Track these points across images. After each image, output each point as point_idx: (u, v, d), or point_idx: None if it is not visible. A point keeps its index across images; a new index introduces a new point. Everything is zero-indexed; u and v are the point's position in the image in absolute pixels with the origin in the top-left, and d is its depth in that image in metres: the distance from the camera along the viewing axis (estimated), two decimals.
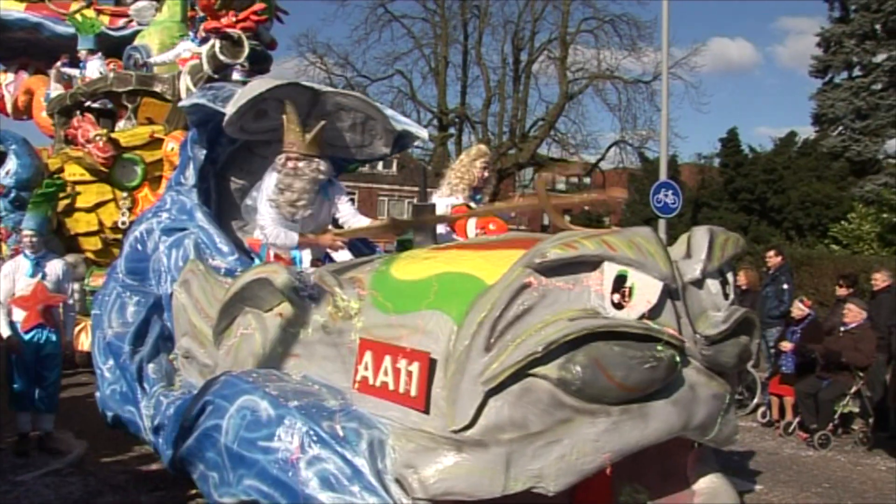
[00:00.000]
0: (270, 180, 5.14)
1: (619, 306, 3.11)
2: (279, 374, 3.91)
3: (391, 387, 3.37)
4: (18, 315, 6.87)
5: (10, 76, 12.55)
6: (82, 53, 10.14)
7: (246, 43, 6.91)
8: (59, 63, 10.73)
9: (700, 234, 3.50)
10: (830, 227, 26.33)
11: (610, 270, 3.11)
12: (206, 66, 7.26)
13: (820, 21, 30.89)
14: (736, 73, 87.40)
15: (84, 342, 8.83)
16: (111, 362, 5.41)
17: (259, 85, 5.12)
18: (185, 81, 7.92)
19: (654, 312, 3.14)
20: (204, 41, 9.70)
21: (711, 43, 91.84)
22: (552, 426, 3.08)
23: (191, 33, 9.73)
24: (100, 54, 10.16)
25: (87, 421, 7.41)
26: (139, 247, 5.74)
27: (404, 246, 10.90)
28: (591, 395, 3.04)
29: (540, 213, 6.15)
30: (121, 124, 9.20)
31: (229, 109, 5.07)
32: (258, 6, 6.88)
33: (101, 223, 9.11)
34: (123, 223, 8.80)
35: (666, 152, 18.77)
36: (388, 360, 3.41)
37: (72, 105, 9.46)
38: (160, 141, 8.64)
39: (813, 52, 29.75)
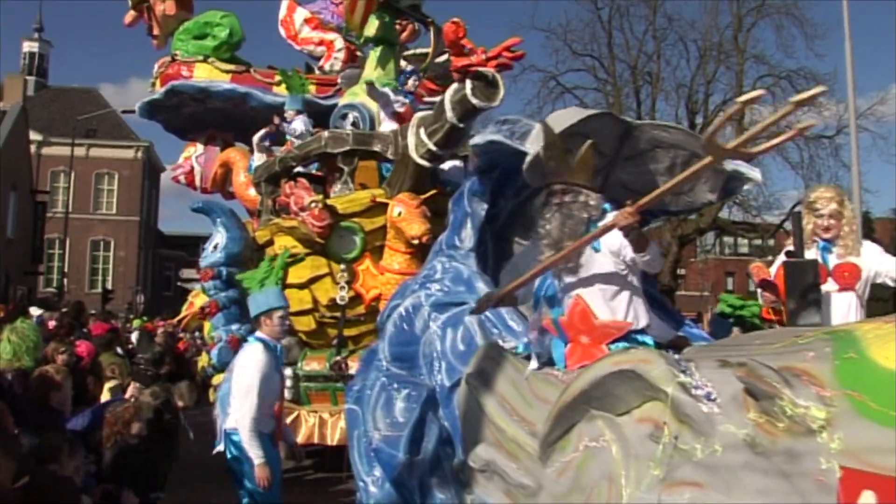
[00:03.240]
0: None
1: None
2: None
3: None
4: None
5: (200, 148, 12.33)
6: (289, 114, 9.50)
7: (501, 84, 5.80)
8: (262, 133, 10.27)
9: None
10: None
11: None
12: (449, 113, 6.13)
13: None
14: None
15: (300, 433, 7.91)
16: (378, 473, 4.28)
17: (564, 118, 3.98)
18: (414, 135, 6.87)
19: None
20: (412, 94, 8.93)
21: (894, 89, 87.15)
22: None
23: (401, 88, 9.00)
24: (305, 114, 9.52)
25: None
26: (405, 326, 4.61)
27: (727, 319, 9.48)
28: None
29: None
30: (336, 189, 8.29)
31: (531, 148, 3.96)
32: (512, 41, 5.74)
33: (315, 300, 8.01)
34: (342, 298, 7.79)
35: (859, 209, 17.53)
36: None
37: (281, 171, 8.67)
38: (382, 206, 7.61)
39: None
